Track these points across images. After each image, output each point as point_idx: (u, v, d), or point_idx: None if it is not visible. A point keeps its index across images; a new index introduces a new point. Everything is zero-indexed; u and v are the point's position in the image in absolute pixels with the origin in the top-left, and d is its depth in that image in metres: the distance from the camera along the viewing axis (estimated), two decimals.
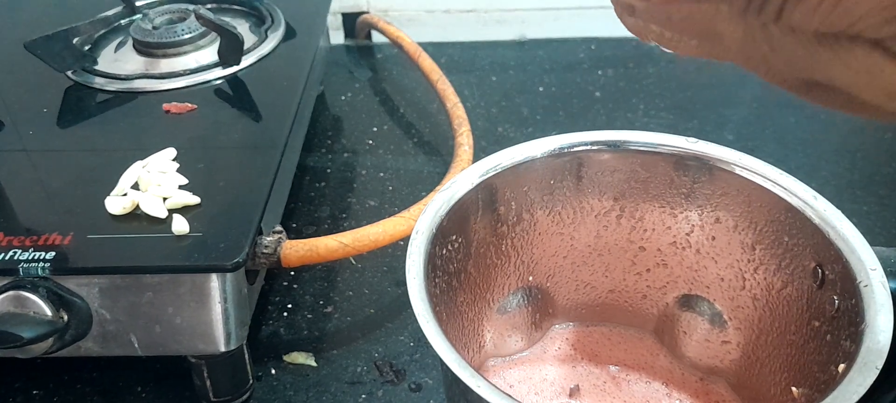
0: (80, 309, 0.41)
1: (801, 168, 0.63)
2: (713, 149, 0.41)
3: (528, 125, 0.71)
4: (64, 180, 0.48)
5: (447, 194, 0.39)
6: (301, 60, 0.62)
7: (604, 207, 0.43)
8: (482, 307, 0.43)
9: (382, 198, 0.63)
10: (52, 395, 0.48)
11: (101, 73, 0.60)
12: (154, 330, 0.42)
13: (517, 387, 0.43)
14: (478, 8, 0.85)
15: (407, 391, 0.48)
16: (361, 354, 0.50)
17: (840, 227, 0.36)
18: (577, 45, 0.83)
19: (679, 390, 0.43)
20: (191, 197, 0.45)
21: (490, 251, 0.42)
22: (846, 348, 0.33)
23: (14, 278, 0.41)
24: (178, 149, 0.50)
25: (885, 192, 0.61)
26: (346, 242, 0.48)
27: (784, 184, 0.39)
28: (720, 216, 0.41)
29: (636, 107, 0.73)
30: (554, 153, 0.42)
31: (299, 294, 0.55)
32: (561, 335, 0.46)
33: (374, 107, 0.75)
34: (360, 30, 0.84)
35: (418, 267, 0.35)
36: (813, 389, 0.35)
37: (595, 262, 0.45)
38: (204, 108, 0.56)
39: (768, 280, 0.40)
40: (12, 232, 0.43)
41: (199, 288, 0.42)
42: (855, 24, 0.19)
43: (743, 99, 0.73)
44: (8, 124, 0.54)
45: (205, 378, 0.45)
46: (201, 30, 0.62)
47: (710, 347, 0.43)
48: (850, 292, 0.34)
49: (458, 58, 0.82)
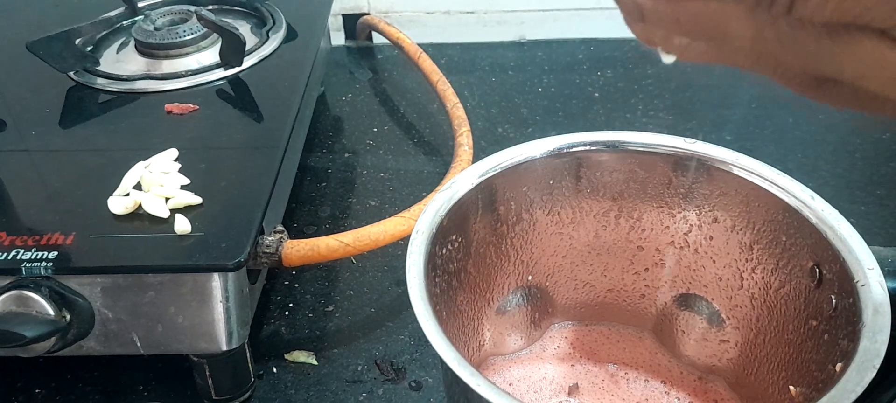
0: (82, 308, 0.41)
1: (799, 168, 0.63)
2: (711, 149, 0.41)
3: (528, 125, 0.71)
4: (66, 180, 0.49)
5: (447, 194, 0.39)
6: (302, 61, 0.62)
7: (603, 207, 0.43)
8: (482, 306, 0.43)
9: (383, 197, 0.63)
10: (55, 394, 0.48)
11: (103, 74, 0.60)
12: (156, 330, 0.43)
13: (516, 386, 0.44)
14: (478, 9, 0.85)
15: (407, 389, 0.48)
16: (362, 353, 0.50)
17: (838, 227, 0.36)
18: (577, 46, 0.83)
19: (677, 388, 0.44)
20: (193, 197, 0.46)
21: (490, 250, 0.42)
22: (844, 347, 0.33)
23: (17, 277, 0.41)
24: (180, 149, 0.51)
25: (883, 192, 0.62)
26: (346, 242, 0.48)
27: (782, 184, 0.39)
28: (718, 216, 0.42)
29: (635, 108, 0.73)
30: (553, 153, 0.42)
31: (300, 293, 0.55)
32: (560, 334, 0.47)
33: (374, 107, 0.75)
34: (361, 31, 0.85)
35: (418, 267, 0.35)
36: (811, 388, 0.35)
37: (594, 262, 0.45)
38: (206, 109, 0.56)
39: (766, 279, 0.40)
40: (15, 231, 0.43)
41: (201, 287, 0.42)
42: (863, 14, 0.19)
43: (741, 99, 0.73)
44: (10, 124, 0.55)
45: (206, 376, 0.45)
46: (203, 31, 0.62)
47: (708, 346, 0.44)
48: (847, 291, 0.34)
49: (458, 58, 0.82)
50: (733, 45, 0.22)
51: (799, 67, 0.22)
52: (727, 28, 0.22)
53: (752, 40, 0.22)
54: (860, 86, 0.21)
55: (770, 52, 0.22)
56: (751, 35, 0.22)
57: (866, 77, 0.21)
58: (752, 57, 0.22)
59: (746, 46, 0.22)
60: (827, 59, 0.21)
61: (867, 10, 0.19)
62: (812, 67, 0.22)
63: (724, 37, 0.22)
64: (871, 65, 0.20)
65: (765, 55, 0.22)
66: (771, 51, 0.22)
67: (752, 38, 0.22)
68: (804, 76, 0.22)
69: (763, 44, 0.22)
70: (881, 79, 0.21)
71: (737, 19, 0.21)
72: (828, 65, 0.21)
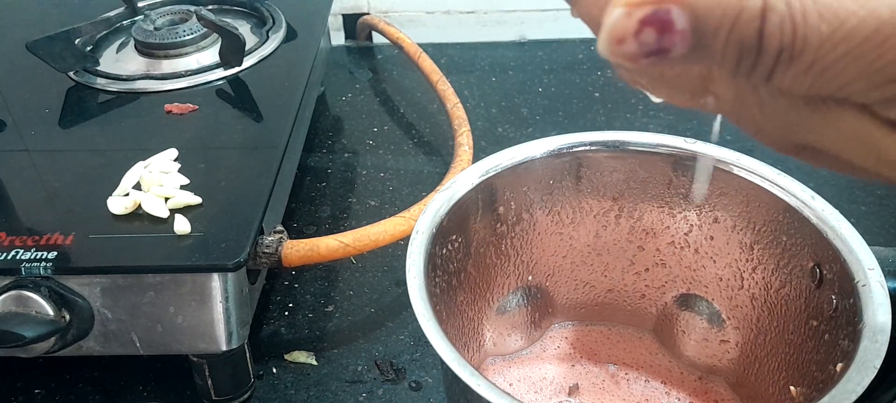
0: (81, 308, 0.41)
1: (800, 168, 0.62)
2: (711, 149, 0.41)
3: (528, 125, 0.71)
4: (66, 180, 0.49)
5: (447, 194, 0.39)
6: (302, 61, 0.62)
7: (603, 207, 0.43)
8: (482, 306, 0.43)
9: (383, 197, 0.63)
10: (54, 394, 0.48)
11: (102, 74, 0.60)
12: (156, 330, 0.43)
13: (516, 386, 0.44)
14: (478, 9, 0.85)
15: (407, 389, 0.48)
16: (362, 353, 0.50)
17: (838, 227, 0.36)
18: (577, 46, 0.83)
19: (678, 389, 0.43)
20: (192, 197, 0.46)
21: (490, 250, 0.42)
22: (844, 347, 0.33)
23: (16, 278, 0.41)
24: (180, 149, 0.51)
25: (884, 192, 0.62)
26: (346, 242, 0.48)
27: (782, 184, 0.39)
28: (719, 216, 0.42)
29: (635, 108, 0.73)
30: (553, 153, 0.42)
31: (300, 293, 0.55)
32: (560, 334, 0.46)
33: (374, 107, 0.75)
34: (361, 31, 0.85)
35: (418, 267, 0.35)
36: (811, 388, 0.35)
37: (594, 262, 0.45)
38: (205, 109, 0.56)
39: (766, 279, 0.40)
40: (14, 231, 0.43)
41: (201, 287, 0.42)
42: (843, 88, 0.19)
43: None
44: (10, 124, 0.55)
45: (206, 377, 0.45)
46: (203, 31, 0.62)
47: (708, 346, 0.44)
48: (848, 291, 0.34)
49: (458, 58, 0.82)
50: (715, 103, 0.22)
51: (779, 134, 0.22)
52: (709, 88, 0.22)
53: (733, 103, 0.21)
54: (840, 156, 0.21)
55: (750, 116, 0.22)
56: (731, 98, 0.21)
57: (847, 150, 0.21)
58: (733, 116, 0.22)
59: (727, 107, 0.22)
60: (806, 129, 0.21)
61: (847, 84, 0.19)
62: (792, 135, 0.21)
63: (706, 95, 0.22)
64: (851, 138, 0.20)
65: (745, 117, 0.22)
66: (751, 115, 0.21)
67: (732, 101, 0.21)
68: (784, 141, 0.22)
69: (743, 108, 0.21)
70: (861, 154, 0.21)
71: (718, 82, 0.21)
72: (807, 134, 0.21)
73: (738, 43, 0.18)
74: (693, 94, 0.22)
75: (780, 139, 0.22)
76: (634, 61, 0.19)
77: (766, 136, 0.22)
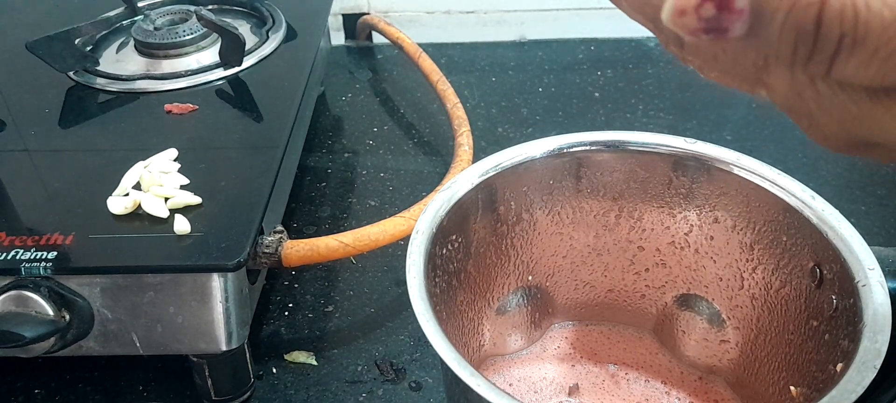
0: (81, 308, 0.41)
1: (800, 168, 0.63)
2: (711, 149, 0.41)
3: (528, 125, 0.71)
4: (66, 180, 0.49)
5: (447, 194, 0.39)
6: (302, 61, 0.62)
7: (603, 207, 0.43)
8: (482, 306, 0.43)
9: (383, 197, 0.63)
10: (54, 394, 0.48)
11: (102, 74, 0.60)
12: (155, 330, 0.43)
13: (516, 386, 0.44)
14: (478, 9, 0.85)
15: (407, 389, 0.48)
16: (362, 353, 0.50)
17: (838, 227, 0.36)
18: (577, 46, 0.83)
19: (678, 389, 0.43)
20: (192, 197, 0.46)
21: (490, 251, 0.42)
22: (844, 347, 0.33)
23: (16, 277, 0.41)
24: (180, 149, 0.51)
25: (884, 192, 0.62)
26: (346, 242, 0.48)
27: (782, 184, 0.39)
28: (719, 216, 0.42)
29: (635, 108, 0.73)
30: (553, 153, 0.42)
31: (300, 293, 0.55)
32: (560, 334, 0.46)
33: (374, 107, 0.75)
34: (361, 31, 0.85)
35: (418, 267, 0.35)
36: (811, 388, 0.35)
37: (594, 262, 0.45)
38: (205, 109, 0.56)
39: (767, 279, 0.40)
40: (14, 231, 0.43)
41: (201, 287, 0.42)
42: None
43: (741, 99, 0.73)
44: (10, 124, 0.55)
45: (206, 377, 0.45)
46: (203, 31, 0.62)
47: (708, 346, 0.44)
48: (848, 291, 0.34)
49: (458, 58, 0.82)
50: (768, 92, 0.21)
51: (835, 128, 0.21)
52: (763, 77, 0.21)
53: (786, 95, 0.21)
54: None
55: (805, 110, 0.21)
56: (785, 90, 0.21)
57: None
58: (785, 108, 0.21)
59: (779, 99, 0.21)
60: (869, 123, 0.20)
61: None
62: (852, 129, 0.21)
63: (758, 83, 0.21)
64: None
65: (799, 110, 0.21)
66: (806, 108, 0.21)
67: (786, 93, 0.21)
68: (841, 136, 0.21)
69: (798, 101, 0.21)
70: None
71: (774, 73, 0.20)
72: (868, 129, 0.20)
73: (794, 27, 0.18)
74: (745, 81, 0.21)
75: (837, 134, 0.21)
76: (694, 34, 0.19)
77: (819, 131, 0.21)
